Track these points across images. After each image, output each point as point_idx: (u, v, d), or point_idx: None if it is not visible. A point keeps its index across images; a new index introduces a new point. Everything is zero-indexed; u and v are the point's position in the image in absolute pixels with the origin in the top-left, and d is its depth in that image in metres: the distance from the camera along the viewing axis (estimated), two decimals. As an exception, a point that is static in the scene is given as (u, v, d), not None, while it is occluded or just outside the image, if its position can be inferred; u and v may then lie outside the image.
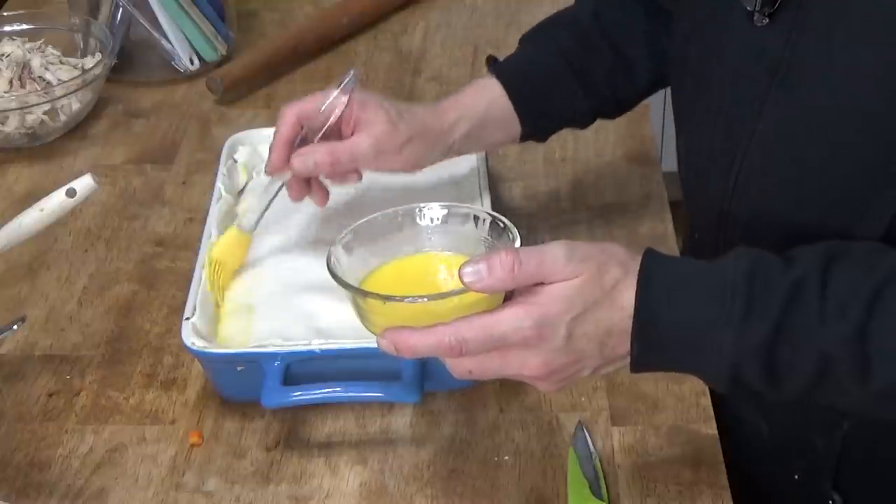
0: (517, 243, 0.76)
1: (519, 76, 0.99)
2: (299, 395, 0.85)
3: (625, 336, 0.70)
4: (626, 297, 0.70)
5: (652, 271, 0.70)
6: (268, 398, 0.85)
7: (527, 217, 1.12)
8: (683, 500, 0.82)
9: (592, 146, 1.23)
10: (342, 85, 0.91)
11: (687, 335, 0.69)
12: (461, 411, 0.90)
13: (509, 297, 0.72)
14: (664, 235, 1.09)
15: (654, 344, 0.70)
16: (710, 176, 0.85)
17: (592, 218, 1.12)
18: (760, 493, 0.91)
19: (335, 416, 0.90)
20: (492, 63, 1.01)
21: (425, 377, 0.86)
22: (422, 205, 0.82)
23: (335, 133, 0.93)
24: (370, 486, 0.85)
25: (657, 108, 1.44)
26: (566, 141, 1.24)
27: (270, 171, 0.94)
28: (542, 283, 0.70)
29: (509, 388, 0.92)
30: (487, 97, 0.97)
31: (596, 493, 0.82)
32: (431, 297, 0.72)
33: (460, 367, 0.72)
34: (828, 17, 0.73)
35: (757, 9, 0.76)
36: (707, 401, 0.90)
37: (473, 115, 0.96)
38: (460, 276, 0.69)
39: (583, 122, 1.04)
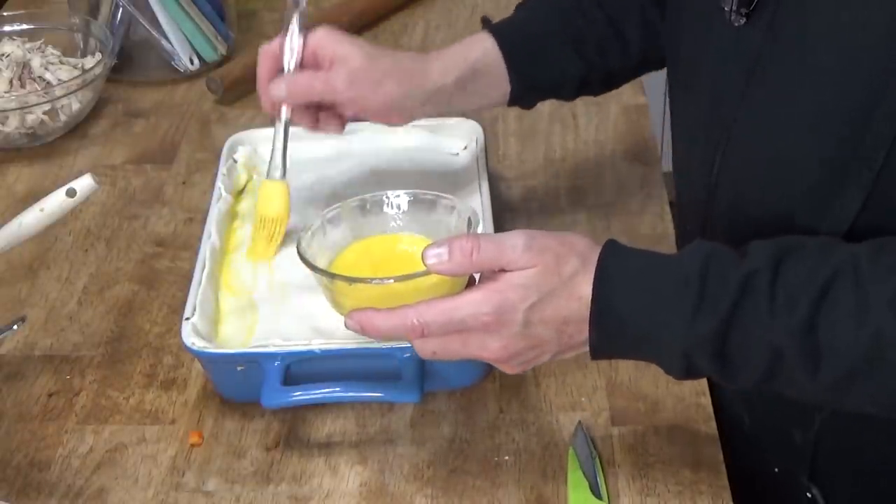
0: (479, 230, 0.82)
1: (512, 32, 0.99)
2: (299, 395, 0.85)
3: (583, 324, 0.72)
4: (584, 288, 0.72)
5: (609, 263, 0.72)
6: (268, 398, 0.85)
7: (527, 217, 1.12)
8: (683, 500, 0.82)
9: (592, 146, 1.23)
10: (289, 24, 0.92)
11: (641, 326, 0.71)
12: (461, 411, 0.90)
13: (474, 281, 0.75)
14: (664, 235, 1.09)
15: (610, 333, 0.72)
16: (694, 174, 0.86)
17: (592, 218, 1.12)
18: (740, 487, 0.91)
19: (335, 416, 0.90)
20: (486, 23, 1.01)
21: (425, 377, 0.86)
22: (389, 192, 0.87)
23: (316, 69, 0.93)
24: (370, 486, 0.85)
25: (657, 108, 1.44)
26: (566, 140, 1.24)
27: (264, 109, 0.96)
28: (503, 270, 0.72)
29: (509, 388, 0.92)
30: (478, 49, 0.97)
31: (596, 493, 0.82)
32: (396, 279, 0.76)
33: (425, 348, 0.75)
34: (800, 17, 0.74)
35: (734, 8, 0.77)
36: (707, 400, 0.90)
37: (462, 64, 0.95)
38: (423, 259, 0.72)
39: (569, 92, 1.02)
